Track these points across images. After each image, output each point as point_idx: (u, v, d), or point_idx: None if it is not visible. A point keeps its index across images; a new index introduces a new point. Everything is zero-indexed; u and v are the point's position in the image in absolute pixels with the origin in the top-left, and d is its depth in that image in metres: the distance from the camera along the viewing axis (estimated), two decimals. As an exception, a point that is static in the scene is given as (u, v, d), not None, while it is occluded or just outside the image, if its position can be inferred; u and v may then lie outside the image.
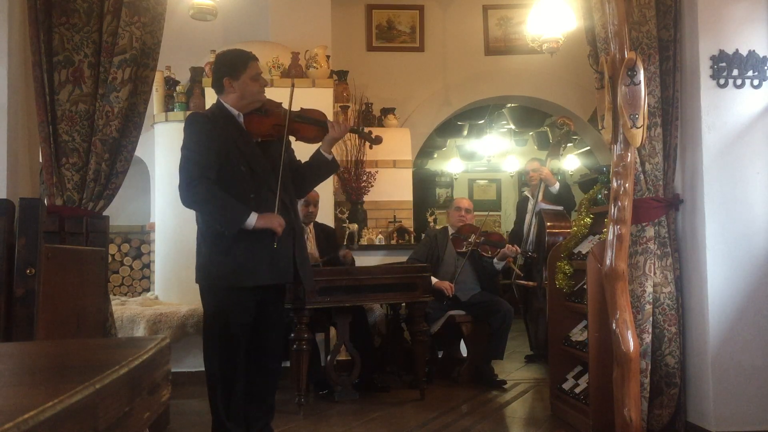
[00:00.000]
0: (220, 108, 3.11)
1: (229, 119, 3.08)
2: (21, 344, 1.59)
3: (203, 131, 3.01)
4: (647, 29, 3.45)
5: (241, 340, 3.08)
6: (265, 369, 3.22)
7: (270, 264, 3.02)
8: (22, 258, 2.14)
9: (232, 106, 3.10)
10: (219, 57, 3.24)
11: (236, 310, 3.05)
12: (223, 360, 3.09)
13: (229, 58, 3.15)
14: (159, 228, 5.64)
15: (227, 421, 3.10)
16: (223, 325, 3.08)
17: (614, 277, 3.12)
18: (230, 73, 3.06)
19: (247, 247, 2.98)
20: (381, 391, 4.69)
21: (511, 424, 4.05)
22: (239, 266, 2.99)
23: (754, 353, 3.33)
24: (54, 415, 0.55)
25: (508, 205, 11.66)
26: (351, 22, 7.03)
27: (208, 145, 2.98)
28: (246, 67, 3.07)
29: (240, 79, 3.05)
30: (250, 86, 3.07)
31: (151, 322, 4.91)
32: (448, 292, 4.97)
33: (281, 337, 3.35)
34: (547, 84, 7.16)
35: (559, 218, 5.52)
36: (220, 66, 3.14)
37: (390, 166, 6.06)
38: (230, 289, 3.03)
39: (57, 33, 3.44)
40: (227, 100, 3.10)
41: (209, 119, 3.07)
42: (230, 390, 3.09)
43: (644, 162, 3.44)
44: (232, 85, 3.07)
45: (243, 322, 3.07)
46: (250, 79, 3.07)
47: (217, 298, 3.09)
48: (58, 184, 3.45)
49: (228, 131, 3.04)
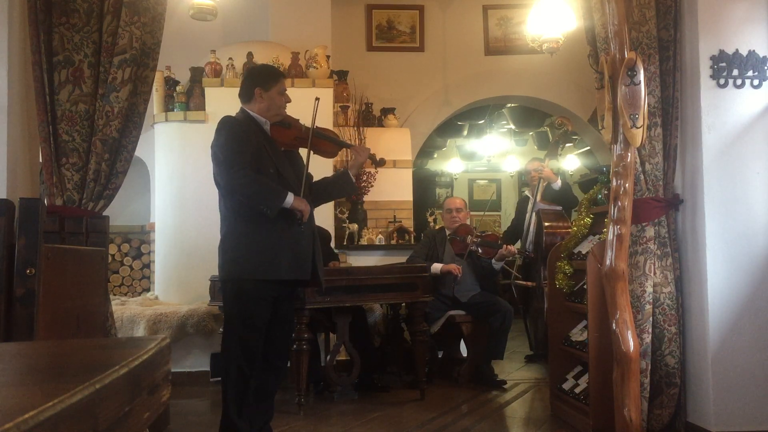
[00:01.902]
0: (246, 115, 3.28)
1: (256, 125, 3.25)
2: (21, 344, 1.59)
3: (239, 130, 3.17)
4: (647, 29, 3.45)
5: (261, 337, 3.17)
6: (273, 368, 3.28)
7: (292, 260, 3.17)
8: (22, 258, 2.14)
9: (259, 115, 3.27)
10: (254, 68, 3.54)
11: (259, 305, 3.15)
12: (243, 356, 3.14)
13: (264, 71, 3.42)
14: (159, 228, 5.64)
15: (238, 419, 3.11)
16: (246, 320, 3.16)
17: (614, 277, 3.12)
18: (263, 83, 3.25)
19: (271, 243, 3.13)
20: (381, 391, 4.69)
21: (511, 424, 4.05)
22: (265, 260, 3.13)
23: (754, 353, 3.33)
24: (54, 415, 0.55)
25: (508, 205, 11.65)
26: (351, 22, 7.03)
27: (245, 142, 3.14)
28: (277, 82, 3.28)
29: (270, 91, 3.25)
30: (277, 99, 3.27)
31: (151, 322, 4.91)
32: (455, 272, 4.98)
33: (290, 336, 3.45)
34: (547, 84, 7.15)
35: (557, 218, 5.52)
36: (255, 76, 3.35)
37: (390, 166, 6.05)
38: (255, 282, 3.14)
39: (57, 33, 3.44)
40: (253, 109, 3.28)
41: (240, 122, 3.23)
42: (245, 388, 3.14)
43: (644, 162, 3.44)
44: (262, 95, 3.25)
45: (263, 316, 3.17)
46: (278, 93, 3.27)
47: (242, 293, 3.18)
48: (58, 184, 3.45)
49: (257, 135, 3.20)
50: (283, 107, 3.30)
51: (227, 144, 3.13)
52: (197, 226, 5.38)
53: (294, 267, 3.18)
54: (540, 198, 5.63)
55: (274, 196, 3.09)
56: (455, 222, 5.27)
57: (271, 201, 3.09)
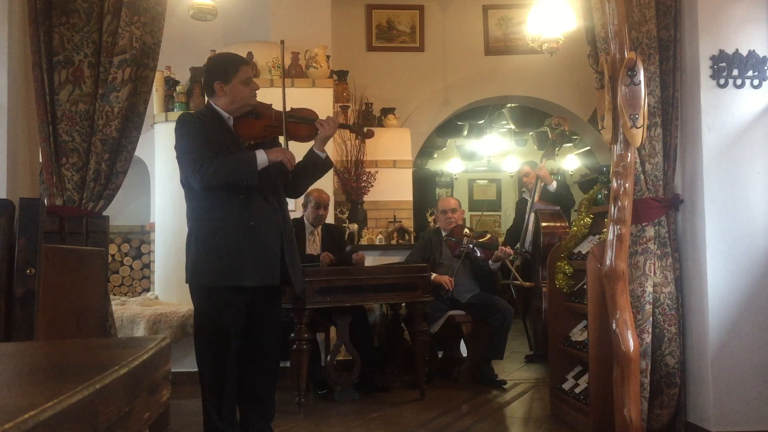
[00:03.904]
0: (210, 110, 3.12)
1: (218, 121, 3.09)
2: (21, 344, 1.59)
3: (196, 128, 3.03)
4: (647, 29, 3.45)
5: (231, 340, 3.07)
6: (261, 369, 3.22)
7: (255, 265, 3.02)
8: (22, 258, 2.14)
9: (223, 110, 3.11)
10: (210, 61, 3.29)
11: (225, 311, 3.05)
12: (212, 360, 3.09)
13: (221, 62, 3.16)
14: (159, 228, 5.64)
15: (218, 421, 3.09)
16: (211, 326, 3.08)
17: (614, 277, 3.12)
18: (221, 77, 3.06)
19: (233, 248, 3.00)
20: (381, 391, 4.69)
21: (511, 424, 4.05)
22: (225, 267, 3.01)
23: (754, 353, 3.33)
24: (54, 415, 0.55)
25: (508, 205, 11.66)
26: (351, 22, 7.03)
27: (202, 140, 3.00)
28: (237, 71, 3.06)
29: (231, 83, 3.06)
30: (240, 90, 3.07)
31: (151, 322, 4.91)
32: (447, 286, 4.96)
33: (277, 338, 3.32)
34: (547, 84, 7.16)
35: (555, 218, 5.52)
36: (212, 70, 3.16)
37: (390, 166, 6.06)
38: (217, 289, 3.04)
39: (57, 33, 3.44)
40: (218, 104, 3.11)
41: (199, 119, 3.09)
42: (220, 390, 3.08)
43: (644, 162, 3.44)
44: (222, 89, 3.06)
45: (232, 322, 3.06)
46: (241, 84, 3.07)
47: (205, 299, 3.10)
48: (58, 184, 3.45)
49: (217, 132, 3.05)
50: (248, 98, 3.08)
51: (184, 143, 3.01)
52: (197, 226, 5.37)
53: (258, 272, 3.02)
54: (538, 198, 5.64)
55: (244, 164, 2.94)
56: (451, 223, 5.25)
57: (245, 169, 2.93)
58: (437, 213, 5.48)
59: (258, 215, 3.04)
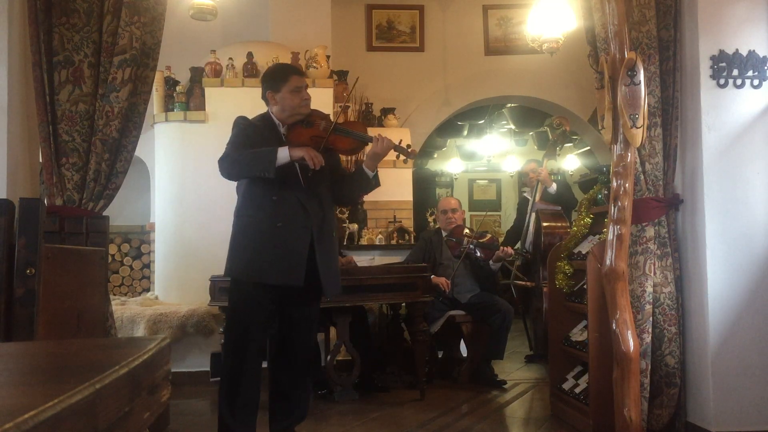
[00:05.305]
0: (265, 117, 3.27)
1: (271, 128, 3.22)
2: (21, 344, 1.59)
3: (242, 129, 3.18)
4: (647, 29, 3.45)
5: (255, 337, 3.11)
6: (289, 367, 3.26)
7: (278, 264, 3.07)
8: (22, 258, 2.14)
9: (276, 117, 3.24)
10: (264, 72, 3.42)
11: (250, 306, 3.12)
12: (231, 354, 3.14)
13: (271, 72, 3.34)
14: (159, 228, 5.64)
15: (229, 418, 3.10)
16: (235, 318, 3.18)
17: (614, 277, 3.12)
18: (272, 86, 3.22)
19: (258, 246, 3.10)
20: (381, 391, 4.69)
21: (511, 424, 4.05)
22: (249, 262, 3.11)
23: (754, 353, 3.33)
24: (54, 415, 0.55)
25: (508, 205, 11.66)
26: (351, 22, 7.04)
27: (244, 141, 3.12)
28: (286, 81, 3.19)
29: (280, 92, 3.19)
30: (289, 99, 3.19)
31: (151, 322, 4.91)
32: (444, 287, 4.96)
33: (308, 339, 3.33)
34: (547, 84, 7.16)
35: (556, 218, 5.52)
36: (264, 79, 3.31)
37: (390, 166, 6.05)
38: (246, 283, 3.14)
39: (57, 33, 3.44)
40: (273, 112, 3.25)
41: (251, 122, 3.23)
42: (236, 387, 3.10)
43: (644, 162, 3.44)
44: (273, 97, 3.22)
45: (257, 319, 3.11)
46: (290, 93, 3.19)
47: (234, 291, 3.22)
48: (58, 184, 3.45)
49: (266, 137, 3.16)
50: (299, 106, 3.20)
51: (229, 141, 3.15)
52: (197, 226, 5.38)
53: (280, 271, 3.07)
54: (539, 198, 5.64)
55: (263, 157, 3.00)
56: (452, 223, 5.25)
57: (263, 162, 2.98)
58: (437, 213, 5.48)
59: (288, 217, 3.11)
